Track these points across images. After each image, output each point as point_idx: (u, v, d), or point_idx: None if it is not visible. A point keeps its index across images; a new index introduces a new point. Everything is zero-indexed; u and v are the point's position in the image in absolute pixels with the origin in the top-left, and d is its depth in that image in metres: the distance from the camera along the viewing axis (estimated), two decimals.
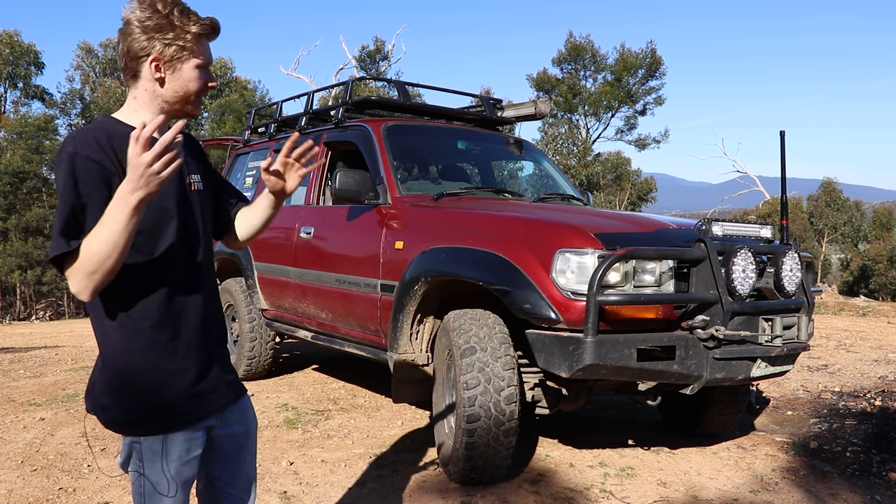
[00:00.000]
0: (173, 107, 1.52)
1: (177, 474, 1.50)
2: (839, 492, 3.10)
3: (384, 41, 28.12)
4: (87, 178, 1.36)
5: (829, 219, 33.07)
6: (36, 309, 23.97)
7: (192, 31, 1.46)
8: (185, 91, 1.50)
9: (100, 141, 1.41)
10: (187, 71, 1.49)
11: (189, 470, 1.53)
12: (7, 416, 4.31)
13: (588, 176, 26.03)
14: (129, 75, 1.49)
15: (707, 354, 2.87)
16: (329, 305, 4.25)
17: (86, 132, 1.42)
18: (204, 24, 1.48)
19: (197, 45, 1.48)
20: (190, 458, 1.52)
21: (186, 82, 1.49)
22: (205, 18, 1.49)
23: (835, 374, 5.53)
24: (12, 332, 10.09)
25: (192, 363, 1.52)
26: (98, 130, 1.44)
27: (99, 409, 1.50)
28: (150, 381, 1.47)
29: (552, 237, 2.92)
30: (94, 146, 1.39)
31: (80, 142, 1.39)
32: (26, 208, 22.62)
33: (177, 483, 1.51)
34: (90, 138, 1.40)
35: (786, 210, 3.32)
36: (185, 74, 1.49)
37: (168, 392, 1.49)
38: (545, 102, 5.00)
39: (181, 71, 1.48)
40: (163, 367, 1.48)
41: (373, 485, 3.16)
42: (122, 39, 1.48)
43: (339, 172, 3.78)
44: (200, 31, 1.48)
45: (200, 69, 1.50)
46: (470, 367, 2.95)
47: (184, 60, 1.48)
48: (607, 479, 3.22)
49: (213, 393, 1.57)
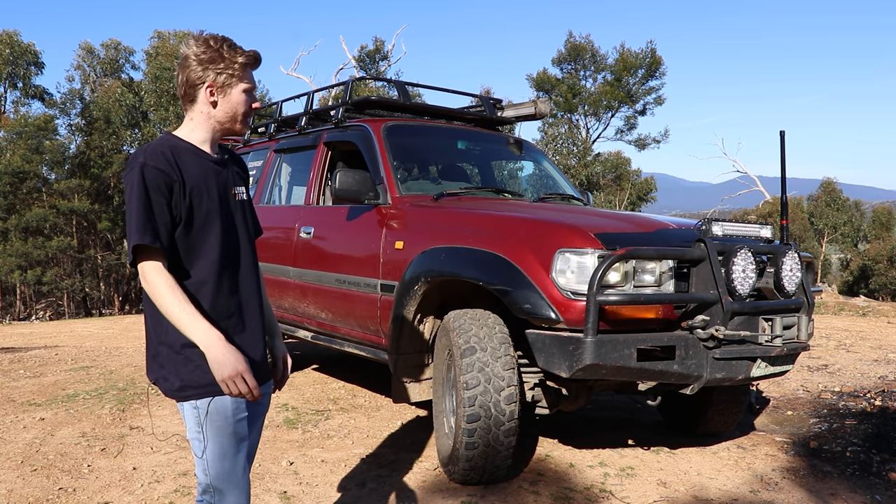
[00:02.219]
0: (224, 126, 1.81)
1: (233, 432, 1.73)
2: (839, 492, 3.10)
3: (384, 41, 28.12)
4: (154, 184, 1.66)
5: (829, 219, 33.09)
6: (36, 309, 23.98)
7: (240, 61, 1.75)
8: (234, 112, 1.79)
9: (165, 154, 1.70)
10: (236, 95, 1.78)
11: (242, 428, 1.76)
12: (7, 416, 4.31)
13: (588, 176, 26.03)
14: (188, 100, 1.79)
15: (707, 354, 2.87)
16: (329, 305, 4.25)
17: (154, 146, 1.72)
18: (249, 56, 1.77)
19: (243, 73, 1.77)
20: (240, 417, 1.75)
21: (235, 104, 1.78)
22: (249, 51, 1.78)
23: (835, 374, 5.53)
24: (12, 332, 10.09)
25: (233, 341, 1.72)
26: (164, 145, 1.73)
27: (161, 379, 1.74)
28: (195, 353, 1.67)
29: (552, 237, 2.92)
30: (161, 158, 1.69)
31: (150, 154, 1.68)
32: (26, 208, 22.62)
33: (237, 439, 1.74)
34: (158, 152, 1.70)
35: (786, 210, 3.32)
36: (234, 98, 1.78)
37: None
38: (545, 102, 5.00)
39: (231, 95, 1.77)
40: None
41: (373, 485, 3.16)
42: (181, 71, 1.77)
43: (339, 172, 3.78)
44: (246, 61, 1.76)
45: (247, 93, 1.79)
46: (470, 367, 2.95)
47: (233, 86, 1.77)
48: (607, 479, 3.22)
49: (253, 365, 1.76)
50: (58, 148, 23.82)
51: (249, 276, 1.85)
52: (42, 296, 24.60)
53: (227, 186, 1.82)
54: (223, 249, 1.76)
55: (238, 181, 1.89)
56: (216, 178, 1.79)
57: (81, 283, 23.45)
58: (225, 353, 1.62)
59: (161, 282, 1.63)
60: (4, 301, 23.33)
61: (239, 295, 1.81)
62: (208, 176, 1.76)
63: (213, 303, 1.74)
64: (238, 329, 1.79)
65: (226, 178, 1.83)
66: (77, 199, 23.32)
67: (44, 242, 22.13)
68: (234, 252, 1.81)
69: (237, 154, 2.01)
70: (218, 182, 1.79)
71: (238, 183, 1.89)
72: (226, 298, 1.77)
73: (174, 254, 1.70)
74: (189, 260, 1.72)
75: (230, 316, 1.77)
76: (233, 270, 1.80)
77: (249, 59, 1.77)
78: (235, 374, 1.62)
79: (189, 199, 1.70)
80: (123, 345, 7.60)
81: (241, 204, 1.87)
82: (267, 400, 1.95)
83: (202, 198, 1.73)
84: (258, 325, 1.86)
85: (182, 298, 1.63)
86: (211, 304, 1.73)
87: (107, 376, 5.52)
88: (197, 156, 1.77)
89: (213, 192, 1.76)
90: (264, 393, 1.89)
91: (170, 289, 1.63)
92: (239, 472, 1.77)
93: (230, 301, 1.78)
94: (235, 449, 1.75)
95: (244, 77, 1.77)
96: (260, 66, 1.82)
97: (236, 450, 1.75)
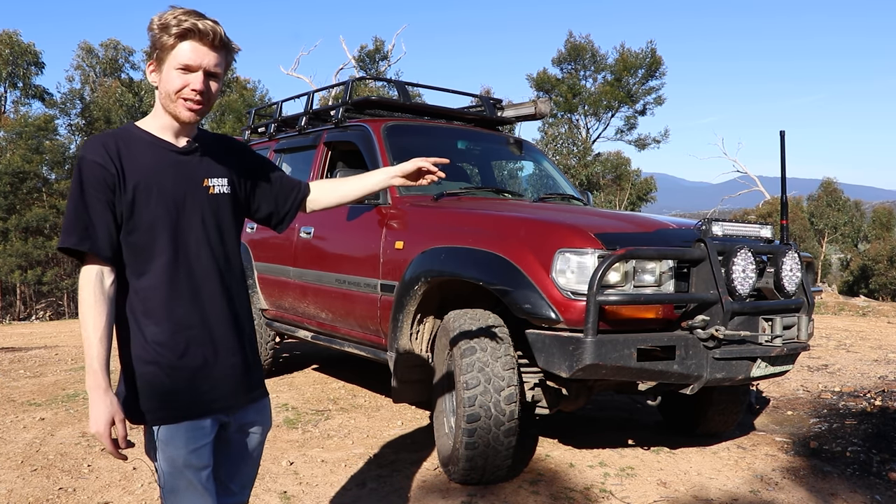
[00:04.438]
0: (167, 108, 1.59)
1: (185, 462, 1.57)
2: (839, 491, 3.10)
3: (384, 41, 28.14)
4: (92, 180, 1.50)
5: (829, 219, 33.08)
6: (36, 309, 23.97)
7: (173, 32, 1.52)
8: (166, 91, 1.56)
9: (107, 145, 1.54)
10: (166, 73, 1.56)
11: (198, 458, 1.59)
12: (7, 416, 4.31)
13: (588, 176, 26.02)
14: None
15: (707, 354, 2.87)
16: (329, 305, 4.25)
17: (98, 137, 1.56)
18: (185, 28, 1.52)
19: (176, 48, 1.53)
20: (197, 447, 1.58)
21: (166, 86, 1.56)
22: (185, 20, 1.52)
23: (835, 374, 5.53)
24: (12, 332, 10.08)
25: (192, 361, 1.58)
26: (110, 136, 1.57)
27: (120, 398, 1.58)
28: (149, 373, 1.55)
29: (552, 237, 2.92)
30: (101, 151, 1.52)
31: (90, 147, 1.53)
32: (26, 208, 22.61)
33: (191, 471, 1.58)
34: (99, 144, 1.54)
35: (786, 210, 3.31)
36: (165, 77, 1.56)
37: (166, 385, 1.56)
38: (545, 102, 5.00)
39: (164, 74, 1.56)
40: (160, 362, 1.56)
41: (373, 485, 3.16)
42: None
43: (339, 172, 3.78)
44: (179, 31, 1.52)
45: (180, 72, 1.54)
46: (470, 367, 2.95)
47: (165, 61, 1.55)
48: (607, 479, 3.22)
49: (217, 390, 1.62)
50: (58, 148, 23.81)
51: (211, 279, 1.62)
52: (42, 296, 24.60)
53: (194, 178, 1.62)
54: (177, 251, 1.57)
55: (218, 171, 1.67)
56: (175, 170, 1.59)
57: None
58: (96, 404, 1.47)
59: (86, 294, 1.49)
60: (4, 301, 23.34)
61: (202, 302, 1.60)
62: (163, 168, 1.57)
63: (168, 312, 1.56)
64: (202, 340, 1.59)
65: (192, 170, 1.62)
66: None
67: (44, 242, 22.12)
68: (193, 253, 1.60)
69: (229, 139, 1.81)
70: (178, 174, 1.59)
71: (215, 174, 1.66)
72: (185, 307, 1.58)
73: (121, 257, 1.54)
74: (138, 263, 1.55)
75: (191, 327, 1.58)
76: (190, 274, 1.59)
77: (182, 30, 1.52)
78: (95, 432, 1.48)
79: (132, 195, 1.52)
80: None
81: (214, 198, 1.65)
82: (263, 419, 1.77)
83: (150, 193, 1.54)
84: (230, 336, 1.64)
85: (97, 323, 1.48)
86: (166, 314, 1.56)
87: None
88: (153, 146, 1.58)
89: (168, 185, 1.57)
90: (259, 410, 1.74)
91: (90, 305, 1.48)
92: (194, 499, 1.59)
93: (190, 309, 1.58)
94: (191, 479, 1.58)
95: (177, 53, 1.53)
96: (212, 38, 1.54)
97: (191, 479, 1.58)
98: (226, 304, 1.65)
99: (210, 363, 1.61)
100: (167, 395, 1.56)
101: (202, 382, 1.60)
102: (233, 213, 1.71)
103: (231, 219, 1.70)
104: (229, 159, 1.73)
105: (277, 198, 1.85)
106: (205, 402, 1.60)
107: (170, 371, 1.56)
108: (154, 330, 1.56)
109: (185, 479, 1.57)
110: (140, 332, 1.56)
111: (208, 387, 1.61)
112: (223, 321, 1.64)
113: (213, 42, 1.55)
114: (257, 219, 1.86)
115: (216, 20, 1.57)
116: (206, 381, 1.61)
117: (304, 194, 1.91)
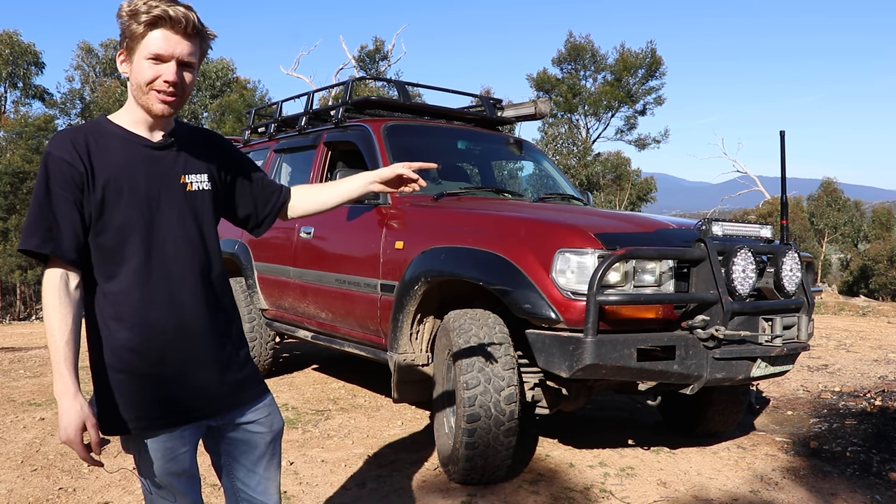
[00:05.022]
0: (139, 101, 1.49)
1: (164, 470, 1.53)
2: (839, 491, 3.10)
3: (384, 41, 28.16)
4: (58, 178, 1.42)
5: (829, 219, 33.08)
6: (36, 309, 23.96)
7: (142, 20, 1.43)
8: (139, 87, 1.47)
9: (76, 141, 1.45)
10: (136, 64, 1.46)
11: (177, 465, 1.54)
12: (7, 416, 4.31)
13: (588, 176, 26.03)
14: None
15: (707, 354, 2.87)
16: (329, 305, 4.25)
17: (66, 132, 1.47)
18: (154, 15, 1.42)
19: (147, 37, 1.44)
20: (175, 456, 1.53)
21: (137, 77, 1.47)
22: (156, 6, 1.42)
23: (835, 374, 5.53)
24: (12, 332, 10.08)
25: (166, 368, 1.51)
26: (79, 131, 1.48)
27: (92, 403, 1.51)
28: (120, 382, 1.48)
29: (552, 237, 2.92)
30: (68, 147, 1.44)
31: (57, 142, 1.45)
32: (26, 208, 22.62)
33: (168, 476, 1.54)
34: (67, 139, 1.45)
35: (786, 210, 3.32)
36: (135, 68, 1.47)
37: (140, 395, 1.49)
38: (545, 102, 5.00)
39: (134, 65, 1.47)
40: (132, 370, 1.49)
41: (373, 485, 3.16)
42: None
43: (339, 172, 3.78)
44: (148, 19, 1.43)
45: (151, 62, 1.45)
46: (470, 367, 2.95)
47: (135, 50, 1.45)
48: (607, 479, 3.22)
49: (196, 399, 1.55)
50: None
51: (190, 281, 1.53)
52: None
53: (169, 175, 1.53)
54: (151, 252, 1.49)
55: (195, 167, 1.58)
56: (149, 166, 1.50)
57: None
58: (65, 410, 1.39)
59: (49, 297, 1.41)
60: (4, 301, 23.33)
61: (179, 306, 1.51)
62: (136, 165, 1.48)
63: (140, 317, 1.47)
64: (179, 346, 1.51)
65: (168, 166, 1.53)
66: None
67: None
68: (170, 255, 1.51)
69: (207, 132, 1.71)
70: (152, 171, 1.50)
71: (194, 170, 1.57)
72: (159, 310, 1.49)
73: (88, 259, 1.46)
74: (107, 265, 1.47)
75: (165, 332, 1.49)
76: (167, 276, 1.50)
77: (152, 17, 1.42)
78: (66, 440, 1.39)
79: (101, 194, 1.44)
80: None
81: (193, 195, 1.56)
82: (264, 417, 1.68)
83: (121, 192, 1.45)
84: (211, 340, 1.56)
85: (63, 327, 1.40)
86: (139, 319, 1.47)
87: None
88: (125, 140, 1.49)
89: (141, 183, 1.48)
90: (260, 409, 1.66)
91: (54, 308, 1.40)
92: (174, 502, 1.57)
93: (167, 313, 1.50)
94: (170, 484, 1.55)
95: (147, 42, 1.43)
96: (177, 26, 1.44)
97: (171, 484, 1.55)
98: (206, 306, 1.55)
99: (187, 370, 1.52)
100: (140, 405, 1.49)
101: (178, 391, 1.52)
102: (214, 210, 1.62)
103: (212, 216, 1.62)
104: (209, 154, 1.63)
105: (257, 200, 1.76)
106: (181, 412, 1.53)
107: (142, 380, 1.48)
108: (125, 336, 1.47)
109: (165, 483, 1.54)
110: (110, 338, 1.48)
111: (185, 395, 1.53)
112: (203, 325, 1.55)
113: (185, 29, 1.45)
114: (233, 219, 1.77)
115: (189, 5, 1.47)
116: (182, 389, 1.52)
117: (284, 199, 1.80)
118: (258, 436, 1.67)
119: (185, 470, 1.56)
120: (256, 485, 1.69)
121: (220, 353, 1.59)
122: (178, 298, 1.52)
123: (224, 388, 1.59)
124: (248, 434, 1.66)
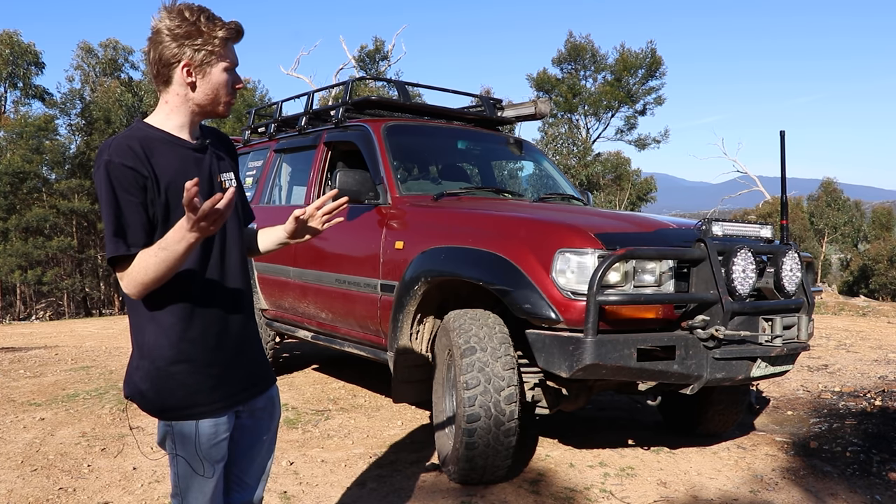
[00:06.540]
0: (204, 109, 1.61)
1: (206, 455, 1.62)
2: (839, 492, 3.10)
3: (384, 41, 28.16)
4: (122, 183, 1.47)
5: (829, 219, 33.10)
6: (36, 309, 23.98)
7: (219, 35, 1.55)
8: (216, 94, 1.59)
9: (133, 147, 1.50)
10: (216, 74, 1.58)
11: (218, 452, 1.64)
12: (7, 416, 4.31)
13: (588, 176, 26.03)
14: (161, 81, 1.58)
15: (707, 354, 2.87)
16: (329, 305, 4.25)
17: (119, 139, 1.52)
18: (230, 29, 1.57)
19: (224, 49, 1.57)
20: (218, 441, 1.63)
21: (216, 85, 1.58)
22: (230, 23, 1.57)
23: (835, 374, 5.53)
24: (12, 332, 10.08)
25: (219, 355, 1.62)
26: (131, 137, 1.53)
27: (137, 396, 1.60)
28: (180, 371, 1.57)
29: (552, 237, 2.92)
30: (128, 153, 1.49)
31: (115, 150, 1.49)
32: (26, 208, 22.62)
33: (209, 463, 1.63)
34: (124, 146, 1.50)
35: (786, 210, 3.31)
36: (214, 78, 1.58)
37: (196, 382, 1.59)
38: (545, 102, 5.00)
39: (211, 75, 1.57)
40: (191, 359, 1.58)
41: (373, 485, 3.16)
42: (152, 48, 1.55)
43: (339, 172, 3.78)
44: (227, 35, 1.56)
45: (228, 72, 1.59)
46: (470, 367, 2.95)
47: (213, 64, 1.56)
48: (607, 479, 3.22)
49: (240, 383, 1.67)
50: (58, 148, 23.83)
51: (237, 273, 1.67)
52: (42, 296, 24.60)
53: (212, 175, 1.64)
54: (211, 249, 1.60)
55: (224, 167, 1.70)
56: (198, 167, 1.60)
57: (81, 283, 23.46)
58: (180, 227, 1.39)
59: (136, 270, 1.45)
60: (4, 301, 23.33)
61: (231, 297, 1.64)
62: (188, 167, 1.58)
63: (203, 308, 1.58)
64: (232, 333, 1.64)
65: (209, 166, 1.64)
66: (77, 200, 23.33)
67: (44, 242, 22.13)
68: (228, 249, 1.65)
69: (220, 132, 1.81)
70: (201, 172, 1.60)
71: (225, 168, 1.70)
72: (218, 301, 1.61)
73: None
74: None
75: (222, 320, 1.62)
76: (223, 270, 1.63)
77: (231, 32, 1.57)
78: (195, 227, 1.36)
79: (165, 197, 1.52)
80: (123, 345, 7.59)
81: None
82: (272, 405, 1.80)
83: (181, 195, 1.46)
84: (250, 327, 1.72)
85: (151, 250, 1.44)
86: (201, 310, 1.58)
87: (107, 376, 5.52)
88: (173, 145, 1.58)
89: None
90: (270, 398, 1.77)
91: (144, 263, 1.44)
92: (208, 492, 1.65)
93: (223, 304, 1.62)
94: (209, 472, 1.63)
95: (225, 54, 1.57)
96: (242, 38, 1.62)
97: (209, 473, 1.63)
98: (244, 289, 1.70)
99: (239, 355, 1.66)
100: (197, 392, 1.58)
101: (232, 374, 1.64)
102: (240, 206, 1.75)
103: (243, 207, 1.76)
104: (228, 153, 1.77)
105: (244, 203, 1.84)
106: (230, 396, 1.64)
107: (203, 367, 1.58)
108: (184, 326, 1.56)
109: (202, 470, 1.62)
110: (170, 330, 1.55)
111: (236, 379, 1.65)
112: (244, 307, 1.69)
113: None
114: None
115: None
116: (235, 372, 1.65)
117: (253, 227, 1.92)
118: (264, 423, 1.79)
119: (223, 458, 1.66)
120: (249, 467, 1.81)
121: (255, 334, 1.75)
122: (231, 285, 1.65)
123: (259, 373, 1.74)
124: (255, 421, 1.76)
